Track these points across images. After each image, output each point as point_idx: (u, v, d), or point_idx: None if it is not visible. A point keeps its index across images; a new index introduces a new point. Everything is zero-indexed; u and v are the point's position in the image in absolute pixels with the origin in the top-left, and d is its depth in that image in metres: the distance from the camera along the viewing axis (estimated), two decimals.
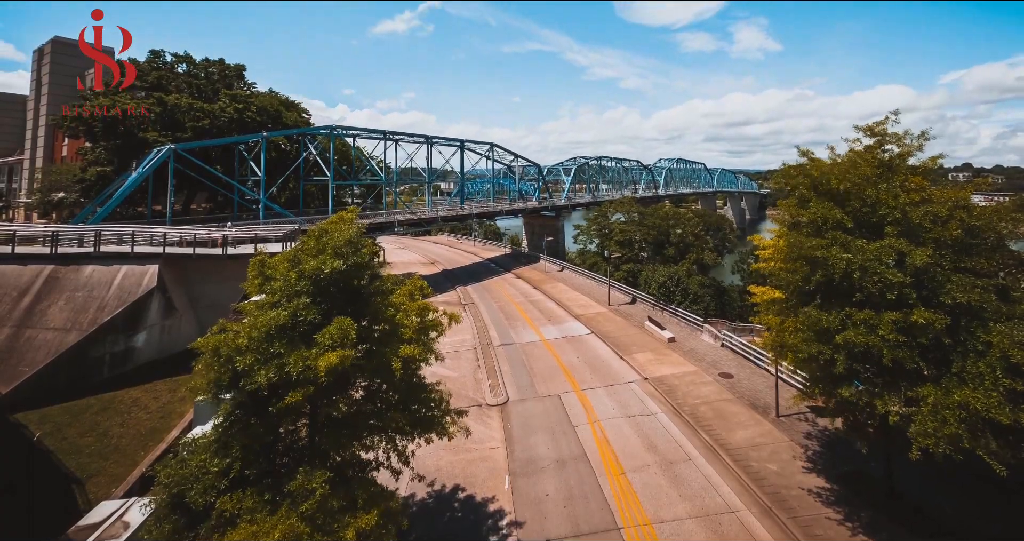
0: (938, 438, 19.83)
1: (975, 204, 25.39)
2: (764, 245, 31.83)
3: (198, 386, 17.75)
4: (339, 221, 21.98)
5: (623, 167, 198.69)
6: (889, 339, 21.09)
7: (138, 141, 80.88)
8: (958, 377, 21.18)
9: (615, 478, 30.57)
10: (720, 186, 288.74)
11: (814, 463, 31.32)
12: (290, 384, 16.67)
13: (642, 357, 49.40)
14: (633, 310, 67.94)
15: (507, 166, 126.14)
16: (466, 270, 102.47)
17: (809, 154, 29.57)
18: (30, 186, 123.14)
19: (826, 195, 26.31)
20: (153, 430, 35.72)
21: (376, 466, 20.71)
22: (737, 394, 40.70)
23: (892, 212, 24.01)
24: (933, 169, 27.82)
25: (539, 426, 37.02)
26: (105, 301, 42.72)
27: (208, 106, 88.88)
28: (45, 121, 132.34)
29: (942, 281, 22.35)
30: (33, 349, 38.93)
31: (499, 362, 49.36)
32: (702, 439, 34.56)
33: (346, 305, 19.62)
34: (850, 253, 22.95)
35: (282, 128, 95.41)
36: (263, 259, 21.12)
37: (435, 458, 32.19)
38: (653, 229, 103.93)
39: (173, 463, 17.53)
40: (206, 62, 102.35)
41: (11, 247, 44.74)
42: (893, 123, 27.48)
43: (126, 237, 49.78)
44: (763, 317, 28.66)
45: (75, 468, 31.58)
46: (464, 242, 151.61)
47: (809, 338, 23.80)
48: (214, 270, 50.71)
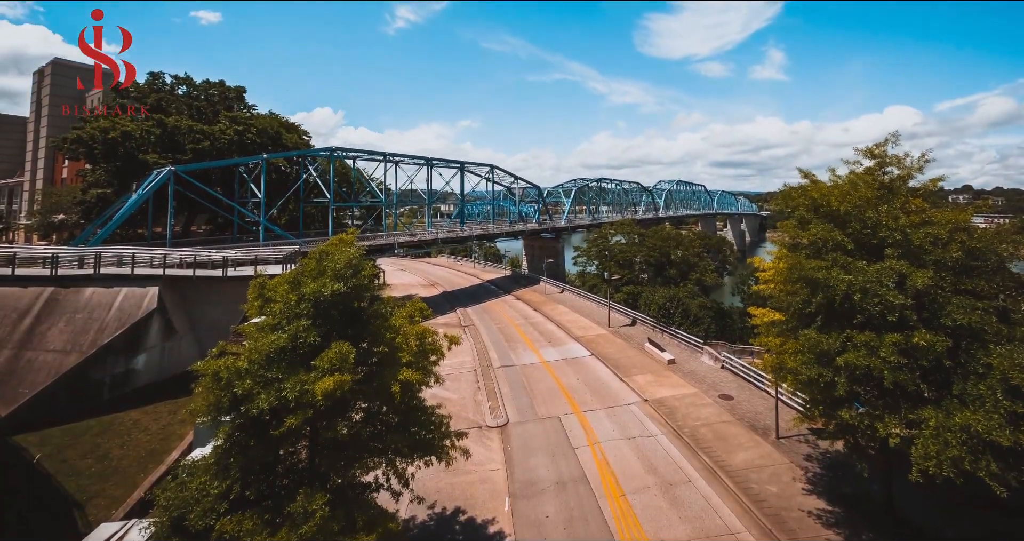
0: (940, 461, 19.79)
1: (975, 226, 25.50)
2: (764, 267, 31.85)
3: (198, 408, 17.71)
4: (339, 243, 22.06)
5: (623, 189, 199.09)
6: (890, 361, 21.11)
7: (138, 163, 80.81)
8: (959, 399, 21.21)
9: (615, 500, 30.43)
10: (720, 208, 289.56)
11: (814, 485, 31.18)
12: (289, 408, 16.67)
13: (642, 379, 49.30)
14: (633, 332, 67.89)
15: (507, 188, 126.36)
16: (466, 292, 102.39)
17: (810, 176, 29.71)
18: (30, 208, 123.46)
19: (827, 217, 26.44)
20: (153, 452, 35.55)
21: (376, 488, 20.68)
22: (737, 416, 40.59)
23: (893, 234, 24.13)
24: (933, 191, 27.98)
25: (539, 448, 36.87)
26: (105, 323, 42.65)
27: (208, 128, 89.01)
28: (45, 143, 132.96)
29: (943, 303, 22.41)
30: (33, 371, 38.80)
31: (499, 384, 49.22)
32: (702, 461, 34.43)
33: (346, 327, 19.65)
34: (851, 275, 23.02)
35: (282, 150, 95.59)
36: (263, 281, 21.18)
37: (435, 480, 32.04)
38: (653, 251, 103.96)
39: (173, 485, 17.52)
40: (206, 84, 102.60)
41: (11, 269, 44.63)
42: (893, 145, 27.67)
43: (126, 259, 49.75)
44: (763, 339, 28.64)
45: (75, 490, 31.38)
46: (464, 264, 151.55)
47: (809, 360, 23.80)
48: (214, 292, 50.68)
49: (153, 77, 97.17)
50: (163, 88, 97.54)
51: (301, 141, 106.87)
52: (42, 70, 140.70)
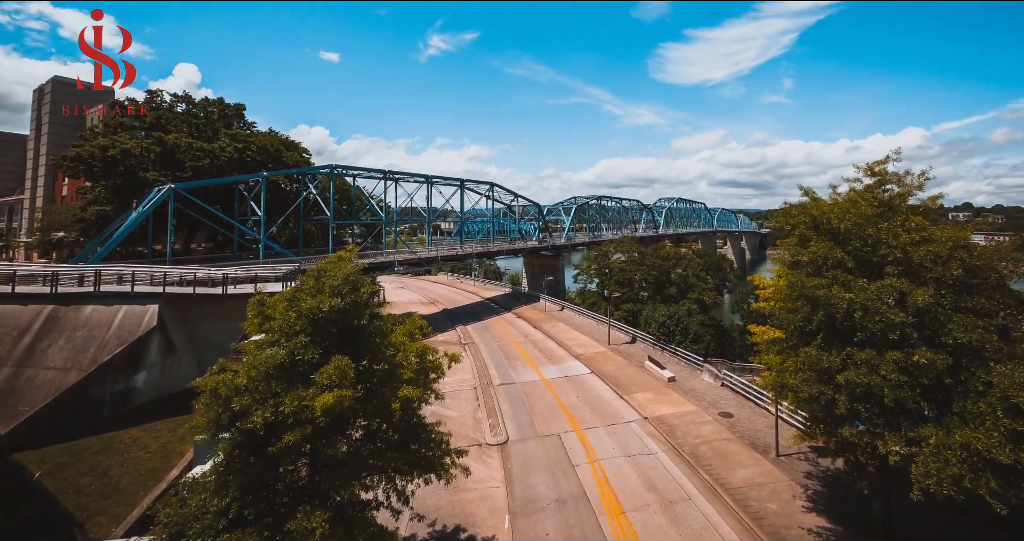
0: (940, 479, 19.77)
1: (976, 244, 25.54)
2: (764, 285, 31.88)
3: (198, 425, 17.71)
4: (338, 260, 22.08)
5: (623, 206, 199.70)
6: (891, 379, 21.11)
7: (138, 180, 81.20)
8: (959, 417, 21.18)
9: (615, 517, 30.29)
10: (720, 225, 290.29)
11: (815, 503, 31.05)
12: (287, 424, 16.66)
13: (642, 396, 49.18)
14: (633, 349, 67.77)
15: (507, 206, 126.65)
16: (466, 309, 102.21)
17: (810, 193, 29.81)
18: (30, 225, 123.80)
19: (827, 234, 26.50)
20: (153, 470, 35.49)
21: (376, 506, 20.57)
22: (737, 433, 40.47)
23: (893, 251, 24.17)
24: (933, 209, 28.05)
25: (539, 465, 36.72)
26: (105, 340, 42.68)
27: (208, 145, 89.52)
28: (45, 161, 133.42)
29: (943, 321, 22.42)
30: (33, 389, 38.80)
31: (499, 401, 49.08)
32: (702, 478, 34.29)
33: (345, 345, 19.65)
34: (851, 292, 23.06)
35: (282, 167, 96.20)
36: (262, 298, 21.19)
37: (435, 497, 31.89)
38: (653, 269, 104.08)
39: (173, 503, 17.47)
40: (205, 101, 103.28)
41: (11, 286, 44.80)
42: (894, 162, 27.80)
43: (126, 277, 49.91)
44: (763, 357, 28.61)
45: (75, 508, 31.33)
46: (464, 282, 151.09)
47: (810, 378, 23.79)
48: (214, 309, 50.75)
49: (152, 94, 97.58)
50: (162, 105, 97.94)
51: (301, 158, 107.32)
52: (42, 88, 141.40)
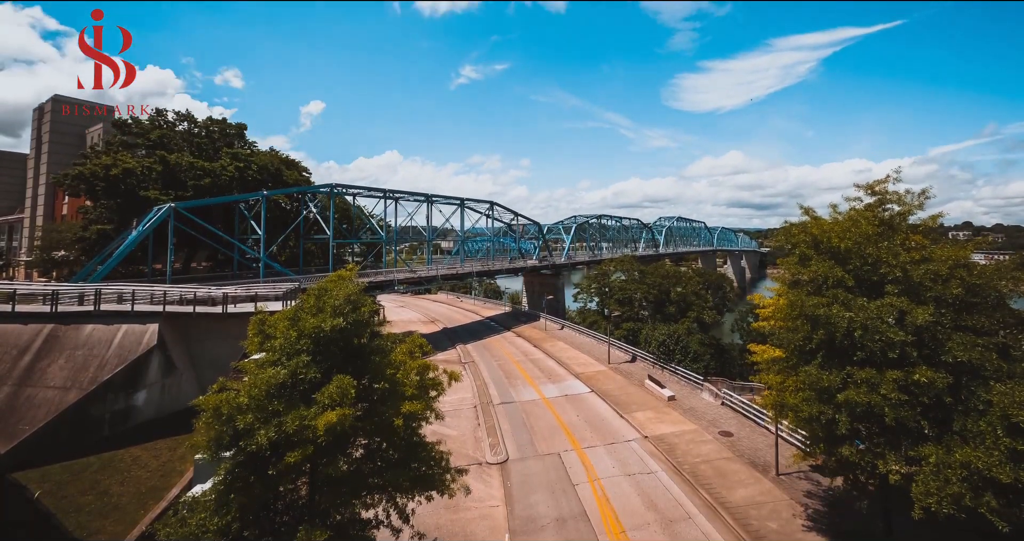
0: (941, 497, 19.78)
1: (975, 262, 25.69)
2: (764, 304, 31.98)
3: (198, 443, 17.73)
4: (338, 279, 22.16)
5: (623, 225, 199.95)
6: (891, 398, 21.18)
7: (139, 199, 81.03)
8: (959, 436, 21.23)
9: (615, 536, 30.16)
10: (720, 244, 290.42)
11: (815, 522, 30.93)
12: (289, 443, 16.67)
13: (642, 415, 49.09)
14: (633, 368, 67.72)
15: (507, 225, 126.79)
16: (466, 328, 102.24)
17: (811, 212, 29.95)
18: (30, 244, 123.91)
19: (827, 253, 26.63)
20: (153, 488, 35.36)
21: (376, 524, 20.54)
22: (737, 452, 40.38)
23: (893, 270, 24.30)
24: (933, 228, 28.21)
25: (539, 484, 36.62)
26: (105, 359, 42.63)
27: (209, 165, 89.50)
28: (46, 179, 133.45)
29: (943, 339, 22.52)
30: (33, 407, 38.69)
31: (499, 420, 48.98)
32: (702, 497, 34.18)
33: (346, 363, 19.69)
34: (851, 311, 23.16)
35: (282, 186, 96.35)
36: (263, 317, 21.30)
37: (435, 516, 31.78)
38: (653, 288, 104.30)
39: (173, 522, 17.46)
40: (208, 121, 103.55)
41: (11, 305, 44.81)
42: (894, 182, 27.97)
43: (126, 295, 49.86)
44: (763, 376, 28.70)
45: (75, 527, 31.18)
46: (464, 300, 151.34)
47: (810, 397, 23.84)
48: (214, 328, 50.71)
49: (156, 113, 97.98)
50: (165, 124, 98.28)
51: (301, 177, 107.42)
52: (42, 106, 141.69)
